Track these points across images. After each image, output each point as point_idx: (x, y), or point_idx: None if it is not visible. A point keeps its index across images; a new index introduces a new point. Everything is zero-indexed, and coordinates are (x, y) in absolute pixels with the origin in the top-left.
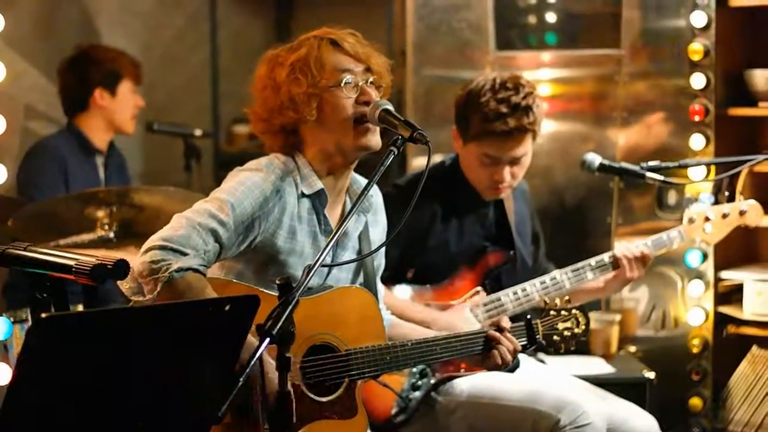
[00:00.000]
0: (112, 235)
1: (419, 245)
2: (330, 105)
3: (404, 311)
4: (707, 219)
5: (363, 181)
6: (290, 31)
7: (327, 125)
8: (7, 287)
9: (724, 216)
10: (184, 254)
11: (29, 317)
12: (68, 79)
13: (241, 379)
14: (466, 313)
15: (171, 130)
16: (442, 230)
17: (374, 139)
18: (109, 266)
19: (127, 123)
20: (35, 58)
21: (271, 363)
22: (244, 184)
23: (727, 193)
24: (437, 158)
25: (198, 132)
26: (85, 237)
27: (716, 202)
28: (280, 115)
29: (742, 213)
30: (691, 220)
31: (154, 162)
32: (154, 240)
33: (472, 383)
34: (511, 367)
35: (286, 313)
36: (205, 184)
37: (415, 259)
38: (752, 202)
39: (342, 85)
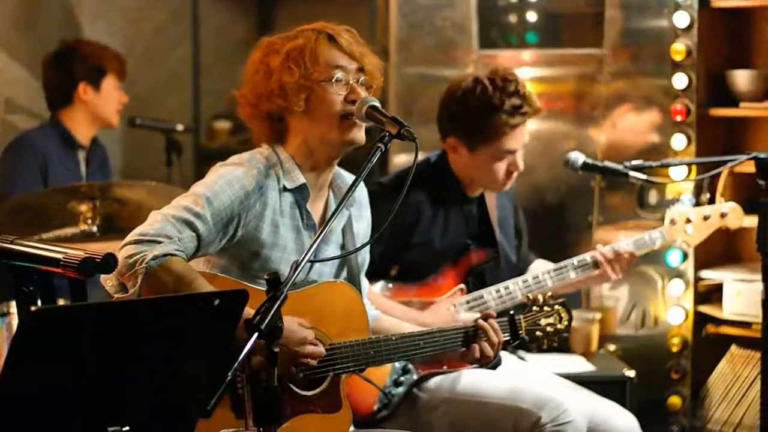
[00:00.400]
0: (95, 229)
1: (403, 243)
2: (319, 98)
3: (385, 311)
4: (688, 220)
5: (347, 175)
6: (272, 28)
7: (313, 117)
8: None
9: (705, 218)
10: (159, 243)
11: (9, 310)
12: (52, 74)
13: (230, 374)
14: (442, 311)
15: (153, 125)
16: (426, 228)
17: (359, 135)
18: (97, 260)
19: (111, 117)
20: (16, 52)
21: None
22: (224, 178)
23: (708, 195)
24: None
25: (180, 127)
26: (68, 231)
27: (697, 204)
28: (268, 102)
29: (723, 215)
30: (672, 222)
31: (135, 157)
32: (129, 236)
33: (454, 380)
34: (493, 364)
35: (275, 308)
36: (185, 180)
37: (399, 257)
38: (733, 204)
39: (333, 80)
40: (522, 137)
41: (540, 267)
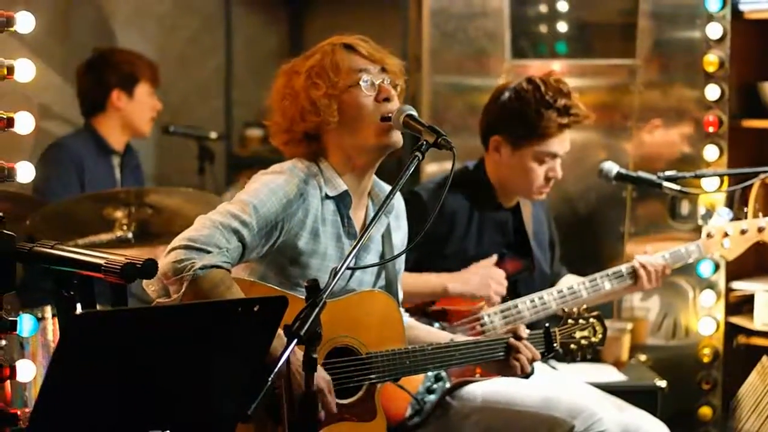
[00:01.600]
0: (130, 235)
1: (436, 253)
2: (351, 105)
3: (416, 280)
4: (726, 234)
5: (384, 185)
6: (303, 38)
7: (350, 126)
8: (21, 286)
9: (743, 232)
10: (208, 252)
11: (46, 315)
12: (86, 81)
13: (270, 378)
14: (483, 273)
15: (187, 132)
16: (461, 237)
17: (396, 137)
18: (138, 265)
19: (143, 125)
20: (51, 59)
21: (299, 362)
22: (268, 186)
23: (745, 209)
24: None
25: (213, 135)
26: (104, 237)
27: (735, 218)
28: (303, 122)
29: (761, 230)
30: (709, 235)
31: (168, 164)
32: (177, 241)
33: (487, 388)
34: (526, 373)
35: (314, 314)
36: (218, 187)
37: (432, 266)
38: None
39: (360, 84)
40: (565, 143)
41: (570, 281)
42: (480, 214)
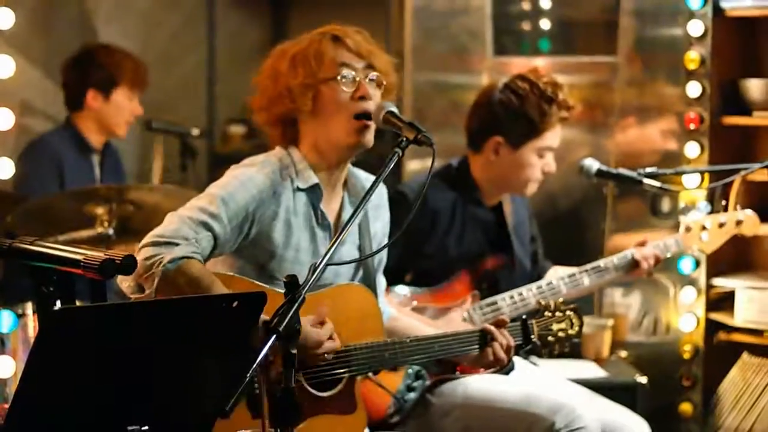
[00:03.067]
0: (111, 231)
1: (417, 250)
2: (326, 98)
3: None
4: (704, 228)
5: (362, 174)
6: (287, 34)
7: (322, 118)
8: (1, 284)
9: (721, 225)
10: (176, 245)
11: (26, 312)
12: (69, 76)
13: (248, 375)
14: (456, 320)
15: (169, 128)
16: (441, 236)
17: (368, 137)
18: (117, 261)
19: (118, 127)
20: (31, 55)
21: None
22: (238, 179)
23: (724, 202)
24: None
25: (195, 131)
26: (84, 233)
27: (713, 211)
28: (279, 105)
29: (738, 222)
30: (687, 229)
31: (149, 161)
32: (146, 238)
33: (467, 385)
34: (506, 369)
35: (293, 310)
36: (200, 184)
37: (413, 263)
38: (749, 212)
39: (339, 78)
40: (559, 136)
41: (557, 273)
42: (463, 212)
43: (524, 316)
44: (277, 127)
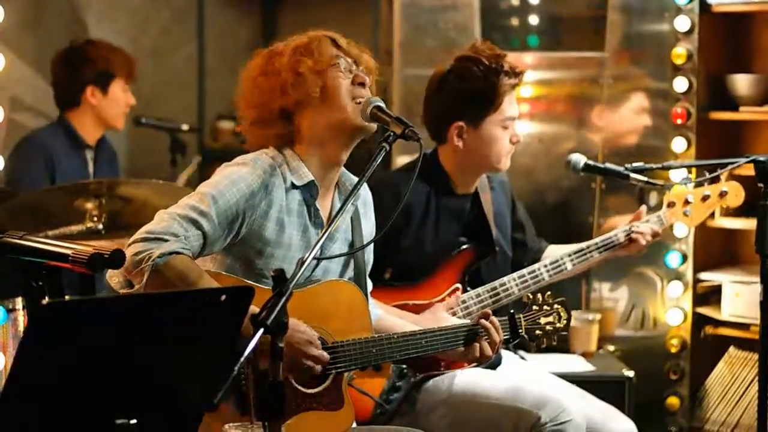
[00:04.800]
0: (100, 226)
1: (393, 246)
2: (331, 83)
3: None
4: (687, 202)
5: (352, 176)
6: (276, 30)
7: (328, 103)
8: None
9: (705, 198)
10: (165, 241)
11: (16, 306)
12: (61, 75)
13: (236, 368)
14: (440, 315)
15: (158, 124)
16: (416, 229)
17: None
18: (105, 256)
19: (116, 120)
20: (22, 51)
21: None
22: (229, 178)
23: (707, 173)
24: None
25: (185, 127)
26: (74, 228)
27: (697, 185)
28: (282, 97)
29: (722, 194)
30: (670, 204)
31: (140, 156)
32: (136, 234)
33: (453, 381)
34: (493, 363)
35: (280, 304)
36: (189, 179)
37: (391, 260)
38: (733, 182)
39: (339, 65)
40: (515, 104)
41: (556, 252)
42: (436, 203)
43: (512, 311)
44: (271, 126)
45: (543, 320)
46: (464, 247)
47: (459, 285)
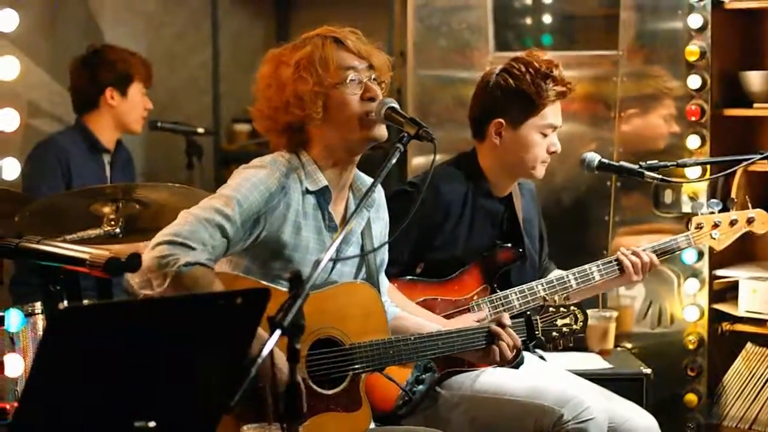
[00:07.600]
0: (118, 230)
1: (429, 241)
2: (336, 102)
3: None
4: (715, 225)
5: (366, 177)
6: (290, 32)
7: (333, 122)
8: (13, 282)
9: (732, 223)
10: (192, 249)
11: (36, 311)
12: (80, 78)
13: (253, 370)
14: (469, 319)
15: (175, 128)
16: (452, 227)
17: (381, 130)
18: (122, 260)
19: (135, 123)
20: (38, 56)
21: (281, 355)
22: (249, 181)
23: (735, 198)
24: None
25: (201, 130)
26: (91, 232)
27: (723, 209)
28: (287, 114)
29: (750, 221)
30: (699, 226)
31: (156, 160)
32: (162, 235)
33: (476, 378)
34: (516, 363)
35: (297, 305)
36: (206, 182)
37: (425, 254)
38: (760, 210)
39: (347, 82)
40: (559, 114)
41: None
42: (473, 204)
43: (528, 313)
44: (283, 135)
45: (560, 322)
46: (502, 246)
47: (487, 285)
